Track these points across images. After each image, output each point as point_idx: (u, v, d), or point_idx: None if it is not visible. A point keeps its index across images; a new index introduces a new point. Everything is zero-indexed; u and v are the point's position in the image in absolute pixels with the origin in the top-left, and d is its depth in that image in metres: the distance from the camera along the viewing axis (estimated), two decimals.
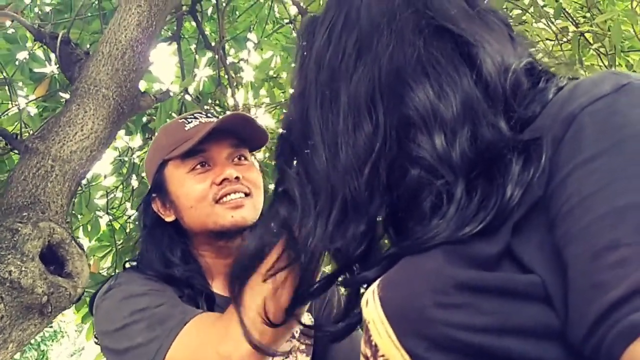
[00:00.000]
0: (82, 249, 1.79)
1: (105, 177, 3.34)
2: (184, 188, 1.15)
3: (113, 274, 3.07)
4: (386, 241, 0.65)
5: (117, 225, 3.35)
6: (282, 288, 0.88)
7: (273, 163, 0.72)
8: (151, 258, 1.17)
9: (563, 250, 0.49)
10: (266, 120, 3.82)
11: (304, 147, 0.65)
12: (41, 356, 11.16)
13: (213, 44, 3.06)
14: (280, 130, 0.73)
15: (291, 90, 0.74)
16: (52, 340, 11.34)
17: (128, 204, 3.47)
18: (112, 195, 3.40)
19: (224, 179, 1.13)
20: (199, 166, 1.16)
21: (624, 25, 2.34)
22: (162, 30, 2.72)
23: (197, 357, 0.94)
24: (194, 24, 3.46)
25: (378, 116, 0.61)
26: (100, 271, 3.06)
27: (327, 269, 0.76)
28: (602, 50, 2.47)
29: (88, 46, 2.95)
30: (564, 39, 2.82)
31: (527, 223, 0.52)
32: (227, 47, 3.30)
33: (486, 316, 0.50)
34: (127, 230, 3.39)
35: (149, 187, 1.24)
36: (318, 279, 0.70)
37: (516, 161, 0.53)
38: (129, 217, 3.54)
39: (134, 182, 3.42)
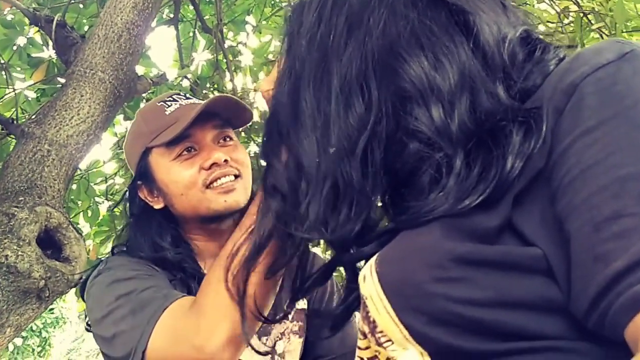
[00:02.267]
0: (80, 234, 1.78)
1: (104, 162, 3.31)
2: (171, 176, 1.12)
3: None
4: (384, 220, 0.63)
5: (117, 211, 3.33)
6: (276, 282, 0.87)
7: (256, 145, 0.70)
8: (140, 244, 1.15)
9: (565, 222, 0.47)
10: (264, 104, 3.80)
11: (293, 131, 0.63)
12: (43, 342, 11.21)
13: (211, 27, 3.03)
14: (267, 114, 0.70)
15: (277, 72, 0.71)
16: (54, 327, 11.38)
17: None
18: (111, 181, 3.38)
19: (213, 163, 1.11)
20: (185, 152, 1.13)
21: (627, 3, 2.31)
22: (160, 14, 2.69)
23: (173, 348, 0.93)
24: (192, 7, 3.43)
25: (371, 93, 0.59)
26: (100, 256, 3.05)
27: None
28: (604, 30, 2.44)
29: (86, 29, 2.93)
30: (566, 20, 2.79)
31: (529, 195, 0.50)
32: (225, 30, 3.27)
33: (486, 290, 0.48)
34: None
35: (133, 175, 1.21)
36: (317, 269, 0.68)
37: (517, 132, 0.51)
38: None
39: None
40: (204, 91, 3.24)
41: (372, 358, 0.56)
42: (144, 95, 2.74)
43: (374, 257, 0.55)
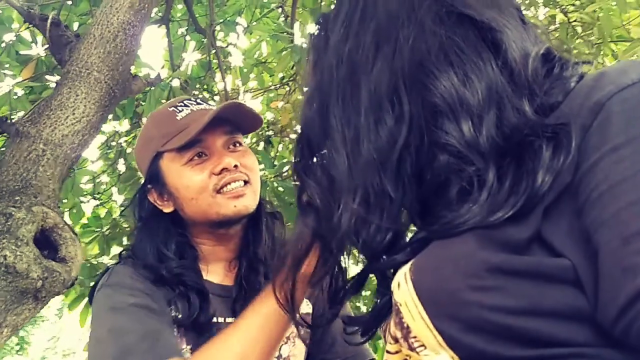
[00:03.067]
0: (75, 234, 1.77)
1: (92, 162, 3.30)
2: (183, 180, 1.14)
3: (102, 261, 3.06)
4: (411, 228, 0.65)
5: (103, 211, 3.32)
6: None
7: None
8: (145, 251, 1.16)
9: (593, 236, 0.50)
10: (254, 104, 3.82)
11: (324, 146, 0.65)
12: (21, 341, 11.06)
13: (203, 27, 3.03)
14: (298, 131, 0.72)
15: (305, 89, 0.73)
16: (32, 326, 11.23)
17: (114, 189, 3.44)
18: (98, 180, 3.37)
19: (223, 169, 1.13)
20: (196, 157, 1.14)
21: (613, 14, 2.37)
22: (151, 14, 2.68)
23: None
24: (181, 6, 3.43)
25: (402, 107, 0.61)
26: (88, 258, 3.03)
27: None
28: (591, 39, 2.49)
29: (75, 27, 2.91)
30: (552, 28, 2.84)
31: (556, 208, 0.53)
32: (215, 30, 3.27)
33: (518, 298, 0.51)
34: (114, 217, 3.36)
35: (144, 179, 1.22)
36: (350, 278, 0.70)
37: (546, 147, 0.54)
38: (116, 202, 3.52)
39: (121, 167, 3.38)
40: (194, 92, 3.24)
41: None
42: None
43: (408, 265, 0.58)
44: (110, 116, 3.14)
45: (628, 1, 2.21)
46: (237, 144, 1.19)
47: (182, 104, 1.20)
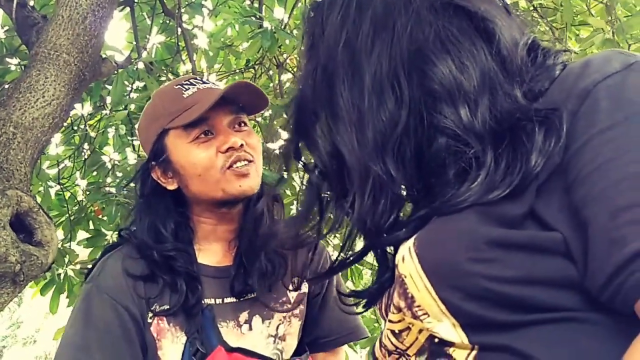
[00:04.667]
0: (50, 218, 1.76)
1: (57, 145, 3.24)
2: (190, 157, 1.15)
3: (68, 245, 3.03)
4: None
5: (67, 195, 3.27)
6: None
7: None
8: (143, 229, 1.18)
9: (582, 211, 0.54)
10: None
11: (332, 122, 0.68)
12: None
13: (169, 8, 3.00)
14: (292, 111, 0.75)
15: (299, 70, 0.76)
16: None
17: (78, 174, 3.39)
18: (62, 165, 3.31)
19: (229, 147, 1.15)
20: (202, 135, 1.16)
21: (574, 1, 2.45)
22: None
23: None
24: None
25: (402, 92, 0.65)
26: None
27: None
28: (554, 24, 2.57)
29: (33, 5, 2.84)
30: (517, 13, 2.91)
31: (548, 187, 0.58)
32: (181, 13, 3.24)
33: (514, 269, 0.55)
34: (79, 200, 3.32)
35: (148, 156, 1.23)
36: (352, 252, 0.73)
37: (538, 131, 0.58)
38: (79, 186, 3.48)
39: (85, 151, 3.34)
40: (159, 74, 3.21)
41: (404, 329, 0.63)
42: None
43: (412, 240, 0.62)
44: None
45: None
46: (242, 124, 1.21)
47: (189, 83, 1.21)
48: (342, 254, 0.71)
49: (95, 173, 3.37)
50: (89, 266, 1.24)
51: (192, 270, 1.15)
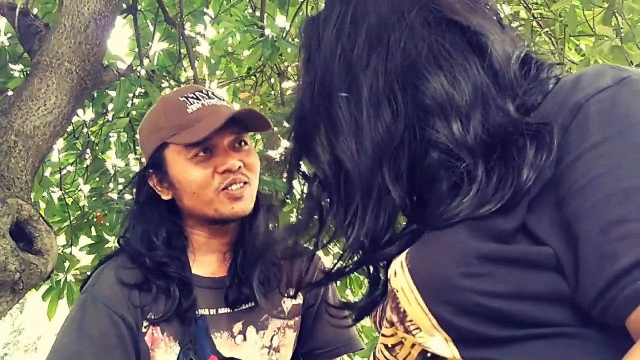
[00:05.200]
0: (50, 226, 1.77)
1: (58, 152, 3.25)
2: (186, 175, 1.16)
3: (68, 251, 3.03)
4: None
5: (69, 201, 3.29)
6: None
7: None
8: (136, 237, 1.19)
9: (574, 225, 0.55)
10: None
11: (331, 133, 0.69)
12: None
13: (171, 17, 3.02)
14: (292, 122, 0.75)
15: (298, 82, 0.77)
16: None
17: (81, 180, 3.40)
18: (65, 171, 3.33)
19: (227, 169, 1.15)
20: (201, 153, 1.16)
21: (577, 11, 2.45)
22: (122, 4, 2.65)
23: None
24: None
25: (398, 106, 0.65)
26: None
27: None
28: (553, 35, 2.58)
29: (36, 13, 2.85)
30: (516, 24, 2.93)
31: (539, 201, 0.58)
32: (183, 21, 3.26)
33: (505, 284, 0.55)
34: (81, 205, 3.33)
35: (146, 163, 1.24)
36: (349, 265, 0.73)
37: (530, 145, 0.59)
38: (81, 191, 3.49)
39: (88, 157, 3.35)
40: (160, 81, 3.23)
41: (397, 344, 0.63)
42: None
43: (404, 254, 0.62)
44: None
45: None
46: (243, 143, 1.22)
47: (194, 96, 1.21)
48: (340, 263, 0.71)
49: (97, 179, 3.38)
50: (88, 273, 1.25)
51: (184, 276, 1.16)
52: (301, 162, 0.74)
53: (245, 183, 1.18)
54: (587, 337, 0.55)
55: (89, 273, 1.23)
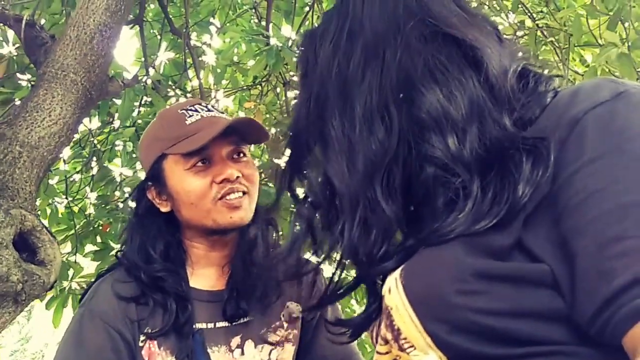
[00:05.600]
0: (53, 236, 1.77)
1: (64, 161, 3.27)
2: (184, 185, 1.17)
3: (73, 258, 3.04)
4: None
5: (75, 209, 3.30)
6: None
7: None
8: (133, 250, 1.19)
9: (571, 242, 0.54)
10: (227, 104, 3.84)
11: (322, 151, 0.69)
12: None
13: (177, 28, 3.03)
14: (289, 135, 0.76)
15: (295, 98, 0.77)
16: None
17: (87, 188, 3.42)
18: (71, 179, 3.34)
19: (225, 179, 1.16)
20: (199, 163, 1.17)
21: (582, 20, 2.44)
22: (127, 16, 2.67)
23: None
24: (153, 6, 3.41)
25: (392, 121, 0.65)
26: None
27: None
28: (557, 44, 2.57)
29: (43, 23, 2.87)
30: (521, 33, 2.92)
31: (535, 217, 0.57)
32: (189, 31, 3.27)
33: (501, 301, 0.55)
34: (87, 213, 3.34)
35: (145, 176, 1.24)
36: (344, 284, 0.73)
37: (526, 160, 0.58)
38: (88, 199, 3.50)
39: (94, 166, 3.36)
40: (167, 90, 3.24)
41: None
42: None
43: (398, 271, 0.61)
44: None
45: (597, 7, 2.28)
46: (241, 154, 1.22)
47: (193, 109, 1.22)
48: (334, 283, 0.71)
49: (103, 187, 3.39)
50: (92, 280, 1.25)
51: (181, 290, 1.15)
52: (293, 181, 0.74)
53: (244, 193, 1.18)
54: (584, 355, 0.54)
55: (86, 286, 1.23)
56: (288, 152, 0.74)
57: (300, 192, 0.74)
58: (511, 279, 0.55)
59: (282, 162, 3.24)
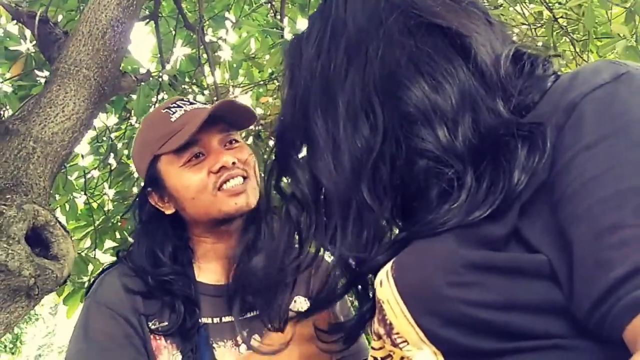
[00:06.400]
0: (67, 231, 1.78)
1: (82, 157, 3.30)
2: (182, 181, 1.16)
3: (93, 254, 3.07)
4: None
5: (94, 205, 3.32)
6: None
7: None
8: (141, 254, 1.19)
9: (568, 230, 0.52)
10: (243, 99, 3.83)
11: (309, 150, 0.68)
12: (15, 339, 11.09)
13: (191, 23, 3.03)
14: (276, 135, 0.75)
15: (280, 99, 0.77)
16: (26, 323, 11.26)
17: (106, 184, 3.44)
18: (89, 175, 3.37)
19: (221, 167, 1.14)
20: (193, 158, 1.16)
21: (597, 10, 2.39)
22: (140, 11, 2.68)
23: None
24: (168, 2, 3.42)
25: (376, 118, 0.63)
26: (80, 252, 3.04)
27: None
28: (575, 35, 2.51)
29: (60, 21, 2.90)
30: (538, 24, 2.86)
31: (532, 205, 0.55)
32: (204, 26, 3.27)
33: (495, 293, 0.53)
34: (105, 209, 3.37)
35: (143, 182, 1.24)
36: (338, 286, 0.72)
37: (521, 147, 0.56)
38: (106, 195, 3.52)
39: (112, 161, 3.39)
40: (183, 86, 3.24)
41: (386, 357, 0.61)
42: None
43: (390, 264, 0.59)
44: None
45: None
46: (234, 141, 1.21)
47: (176, 105, 1.21)
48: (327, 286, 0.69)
49: (121, 183, 3.41)
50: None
51: (190, 294, 1.14)
52: (281, 183, 0.73)
53: (244, 178, 1.17)
54: (583, 349, 0.52)
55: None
56: (274, 151, 0.73)
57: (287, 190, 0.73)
58: (506, 270, 0.53)
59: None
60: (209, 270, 1.22)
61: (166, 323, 1.12)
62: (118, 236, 3.22)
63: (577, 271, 0.50)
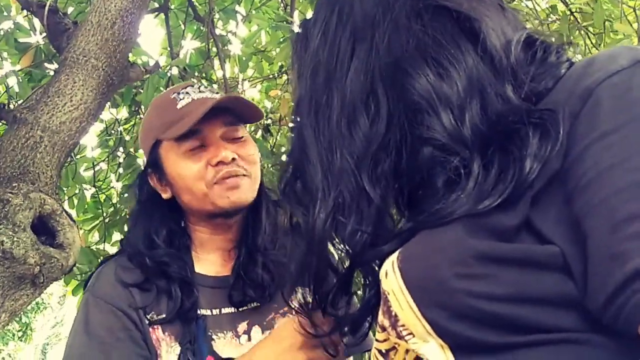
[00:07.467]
0: (73, 220, 1.78)
1: (92, 149, 3.30)
2: (180, 169, 1.15)
3: (102, 246, 3.07)
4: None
5: (102, 197, 3.32)
6: None
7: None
8: (137, 236, 1.18)
9: (582, 222, 0.50)
10: (253, 93, 3.82)
11: (304, 157, 0.66)
12: (24, 328, 11.18)
13: (202, 15, 3.02)
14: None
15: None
16: (35, 312, 11.35)
17: (114, 176, 3.44)
18: (98, 168, 3.37)
19: (220, 162, 1.13)
20: (194, 147, 1.15)
21: (612, 4, 2.35)
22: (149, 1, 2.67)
23: None
24: None
25: (380, 107, 0.62)
26: (89, 245, 3.04)
27: None
28: (590, 29, 2.48)
29: (70, 12, 2.89)
30: (553, 17, 2.83)
31: (545, 195, 0.53)
32: (214, 19, 3.26)
33: (505, 286, 0.51)
34: (114, 202, 3.37)
35: (145, 163, 1.24)
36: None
37: (533, 135, 0.54)
38: (114, 188, 3.52)
39: (120, 154, 3.38)
40: (193, 79, 3.23)
41: (391, 349, 0.59)
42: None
43: (395, 254, 0.58)
44: (108, 104, 3.14)
45: None
46: (238, 136, 1.19)
47: (185, 92, 1.19)
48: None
49: (129, 176, 3.41)
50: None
51: (185, 276, 1.13)
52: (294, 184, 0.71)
53: (243, 176, 1.15)
54: (597, 344, 0.50)
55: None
56: (290, 153, 0.72)
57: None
58: (517, 262, 0.51)
59: None
60: (208, 262, 1.20)
61: (164, 315, 1.11)
62: (126, 229, 3.22)
63: (591, 263, 0.48)
